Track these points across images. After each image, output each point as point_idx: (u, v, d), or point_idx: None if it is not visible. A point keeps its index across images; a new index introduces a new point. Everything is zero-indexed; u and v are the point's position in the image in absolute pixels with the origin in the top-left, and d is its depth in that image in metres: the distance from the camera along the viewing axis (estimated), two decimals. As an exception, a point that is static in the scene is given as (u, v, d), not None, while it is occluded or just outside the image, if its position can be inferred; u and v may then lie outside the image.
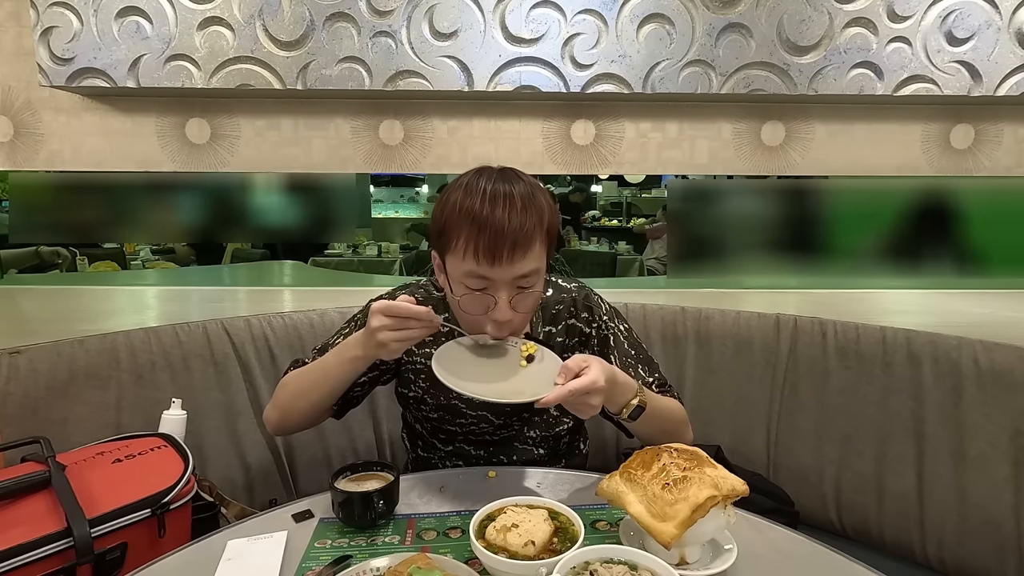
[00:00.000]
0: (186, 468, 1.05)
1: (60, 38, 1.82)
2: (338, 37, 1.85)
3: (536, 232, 0.94)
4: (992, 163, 2.03)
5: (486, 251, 0.91)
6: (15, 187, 2.27)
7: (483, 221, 0.91)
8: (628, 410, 0.97)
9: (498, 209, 0.91)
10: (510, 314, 0.95)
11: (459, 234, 0.93)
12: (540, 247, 0.96)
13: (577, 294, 1.16)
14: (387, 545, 0.82)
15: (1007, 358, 1.19)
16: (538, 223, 0.94)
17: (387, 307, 0.88)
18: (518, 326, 1.00)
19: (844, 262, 2.13)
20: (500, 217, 0.91)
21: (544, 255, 0.98)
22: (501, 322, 0.96)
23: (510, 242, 0.91)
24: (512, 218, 0.91)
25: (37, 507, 0.91)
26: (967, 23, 1.83)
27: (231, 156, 2.02)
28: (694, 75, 1.87)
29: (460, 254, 0.93)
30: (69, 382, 1.24)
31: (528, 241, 0.93)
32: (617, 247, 6.22)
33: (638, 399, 0.98)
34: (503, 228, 0.90)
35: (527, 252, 0.93)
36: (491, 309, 0.95)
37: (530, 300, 0.98)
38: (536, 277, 0.96)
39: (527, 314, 1.00)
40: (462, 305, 0.97)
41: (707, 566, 0.75)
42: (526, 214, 0.93)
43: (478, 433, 1.14)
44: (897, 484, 1.29)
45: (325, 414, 1.11)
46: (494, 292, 0.94)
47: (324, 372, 1.02)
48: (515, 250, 0.91)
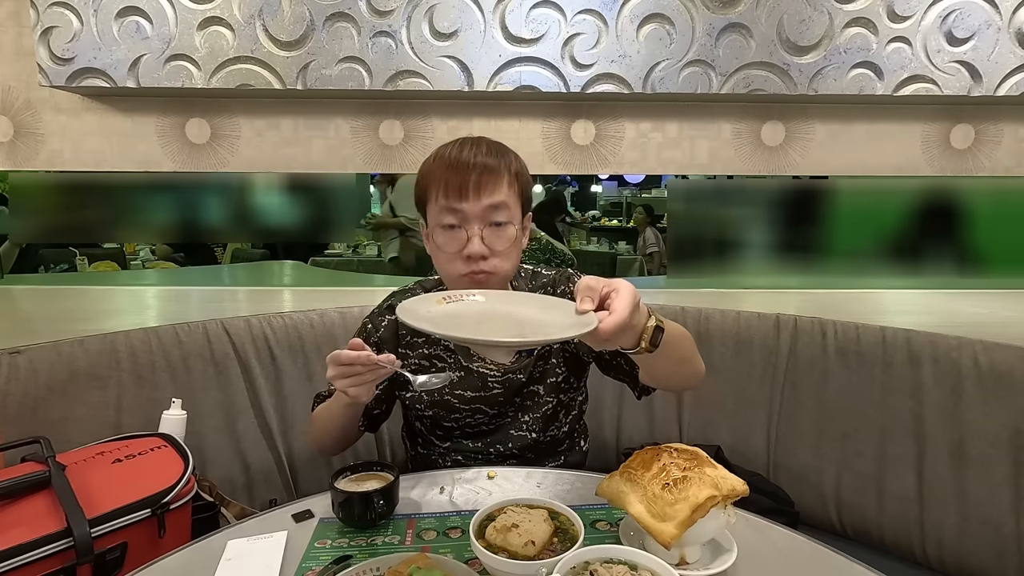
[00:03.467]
0: (186, 468, 1.06)
1: (60, 38, 1.81)
2: (338, 37, 1.85)
3: (503, 169, 1.02)
4: (992, 163, 2.02)
5: (455, 186, 1.00)
6: (15, 187, 2.27)
7: (451, 161, 1.02)
8: (648, 335, 0.83)
9: (465, 150, 1.02)
10: (482, 248, 1.00)
11: (432, 180, 1.03)
12: (509, 187, 1.03)
13: (557, 275, 1.19)
14: (387, 545, 0.82)
15: (1007, 358, 1.19)
16: (505, 166, 1.03)
17: (333, 356, 0.89)
18: (496, 268, 1.03)
19: (844, 262, 2.13)
20: (467, 156, 1.01)
21: (515, 199, 1.05)
22: (475, 256, 1.00)
23: (475, 175, 1.00)
24: (477, 156, 1.01)
25: (37, 507, 0.91)
26: (967, 23, 1.83)
27: (231, 156, 2.02)
28: (694, 75, 1.87)
29: (434, 198, 1.03)
30: (69, 382, 1.24)
31: (494, 175, 1.01)
32: (617, 247, 6.22)
33: (654, 319, 0.85)
34: (469, 164, 1.00)
35: (495, 186, 1.01)
36: (465, 245, 1.00)
37: (503, 237, 1.02)
38: (507, 213, 1.02)
39: (502, 252, 1.03)
40: (438, 243, 1.03)
41: (707, 566, 0.75)
42: (491, 155, 1.03)
43: (474, 425, 1.15)
44: (897, 484, 1.29)
45: (357, 436, 1.17)
46: (467, 227, 1.01)
47: (331, 415, 1.08)
48: (481, 182, 1.00)
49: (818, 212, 2.14)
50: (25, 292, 2.13)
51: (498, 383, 1.12)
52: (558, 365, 1.15)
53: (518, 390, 1.13)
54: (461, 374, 1.12)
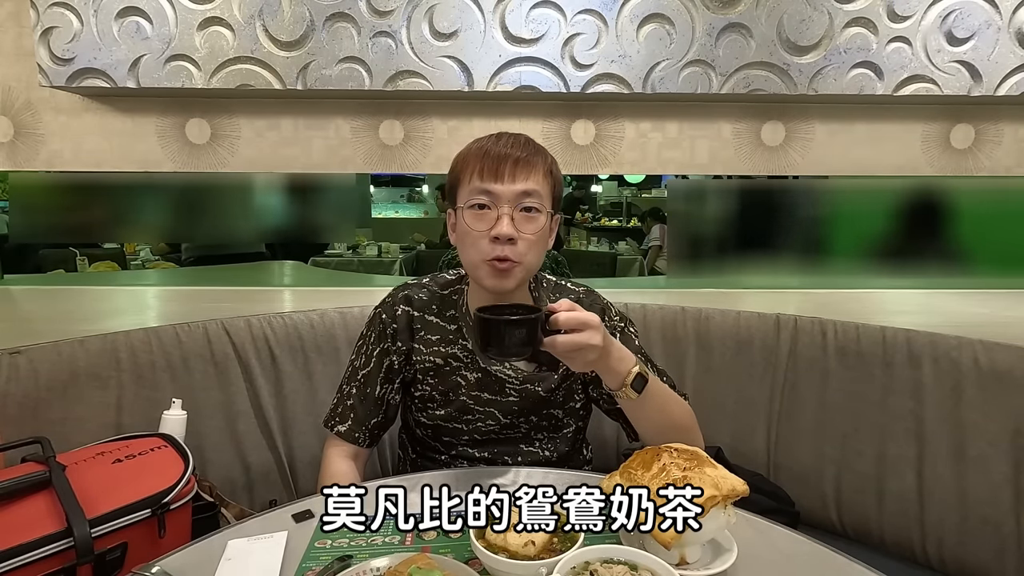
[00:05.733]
0: (186, 468, 1.05)
1: (60, 38, 1.82)
2: (338, 37, 1.85)
3: (539, 161, 1.02)
4: (992, 163, 2.02)
5: (490, 169, 0.99)
6: (15, 187, 2.27)
7: (488, 149, 1.01)
8: (630, 378, 0.94)
9: (503, 141, 1.02)
10: (511, 229, 0.98)
11: (466, 165, 1.02)
12: (544, 178, 1.02)
13: (585, 296, 1.17)
14: (387, 545, 0.82)
15: (1007, 358, 1.19)
16: (541, 159, 1.03)
17: None
18: (522, 258, 1.00)
19: (844, 262, 2.13)
20: (503, 145, 1.01)
21: (548, 192, 1.03)
22: (502, 238, 0.98)
23: (512, 161, 0.99)
24: (515, 148, 1.01)
25: (37, 507, 0.91)
26: (967, 23, 1.83)
27: (231, 156, 2.02)
28: (694, 75, 1.87)
29: (467, 180, 1.01)
30: (69, 382, 1.24)
31: (530, 164, 1.01)
32: (617, 247, 6.22)
33: (638, 367, 0.95)
34: (506, 152, 1.00)
35: (529, 173, 1.00)
36: (494, 226, 0.98)
37: (533, 224, 1.00)
38: (538, 200, 1.01)
39: (529, 243, 1.00)
40: (467, 222, 1.00)
41: (707, 566, 0.75)
42: (529, 148, 1.03)
43: (483, 432, 1.13)
44: (897, 484, 1.29)
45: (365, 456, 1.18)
46: (498, 207, 0.99)
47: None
48: (517, 168, 0.99)
49: (818, 212, 2.14)
50: (25, 292, 2.13)
51: (515, 391, 1.10)
52: (578, 391, 1.15)
53: (535, 407, 1.12)
54: (479, 375, 1.10)
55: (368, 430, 1.13)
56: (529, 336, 0.86)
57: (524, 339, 0.86)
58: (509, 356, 0.96)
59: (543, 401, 1.12)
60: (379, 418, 1.15)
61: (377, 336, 1.14)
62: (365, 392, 1.13)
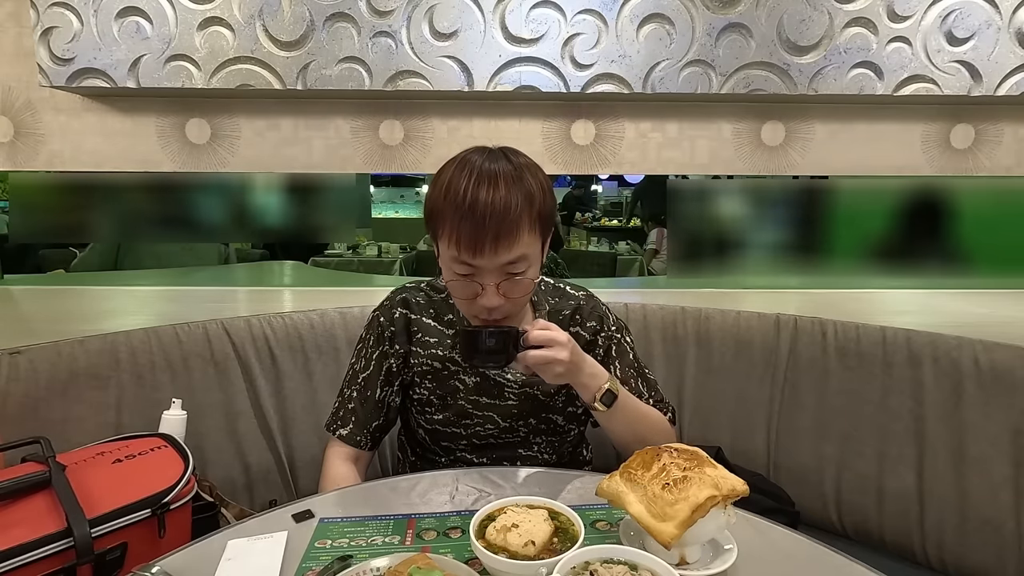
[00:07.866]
0: (186, 468, 1.06)
1: (60, 38, 1.82)
2: (338, 37, 1.85)
3: (523, 217, 0.92)
4: (992, 163, 2.02)
5: (468, 241, 0.90)
6: (15, 187, 2.27)
7: (465, 209, 0.90)
8: (599, 393, 0.99)
9: (481, 192, 0.90)
10: (497, 300, 0.96)
11: (444, 220, 0.93)
12: (528, 234, 0.94)
13: (585, 303, 1.16)
14: (387, 545, 0.82)
15: (1007, 358, 1.19)
16: (526, 207, 0.92)
17: None
18: (510, 312, 1.00)
19: (844, 262, 2.13)
20: (483, 202, 0.89)
21: (535, 241, 0.97)
22: (489, 308, 0.96)
23: (492, 232, 0.89)
24: (496, 202, 0.89)
25: (37, 507, 0.91)
26: (967, 23, 1.83)
27: (231, 156, 2.02)
28: (694, 75, 1.87)
29: (446, 241, 0.94)
30: (69, 382, 1.24)
31: (512, 229, 0.91)
32: (617, 247, 6.21)
33: (609, 384, 1.00)
34: (484, 217, 0.89)
35: (512, 241, 0.91)
36: (480, 295, 0.96)
37: (520, 287, 0.97)
38: (525, 263, 0.95)
39: (519, 300, 1.00)
40: (451, 291, 1.00)
41: (707, 566, 0.75)
42: (511, 191, 0.91)
43: (483, 436, 1.13)
44: (897, 484, 1.29)
45: (367, 459, 1.17)
46: (480, 279, 0.94)
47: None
48: (498, 240, 0.90)
49: (818, 212, 2.14)
50: (25, 292, 2.13)
51: (514, 395, 1.10)
52: (577, 398, 1.15)
53: (535, 410, 1.12)
54: (477, 379, 1.10)
55: (370, 433, 1.13)
56: (502, 348, 0.95)
57: (498, 349, 0.95)
58: (484, 365, 1.04)
59: (543, 405, 1.12)
60: (380, 421, 1.15)
61: (376, 339, 1.14)
62: (366, 395, 1.13)
